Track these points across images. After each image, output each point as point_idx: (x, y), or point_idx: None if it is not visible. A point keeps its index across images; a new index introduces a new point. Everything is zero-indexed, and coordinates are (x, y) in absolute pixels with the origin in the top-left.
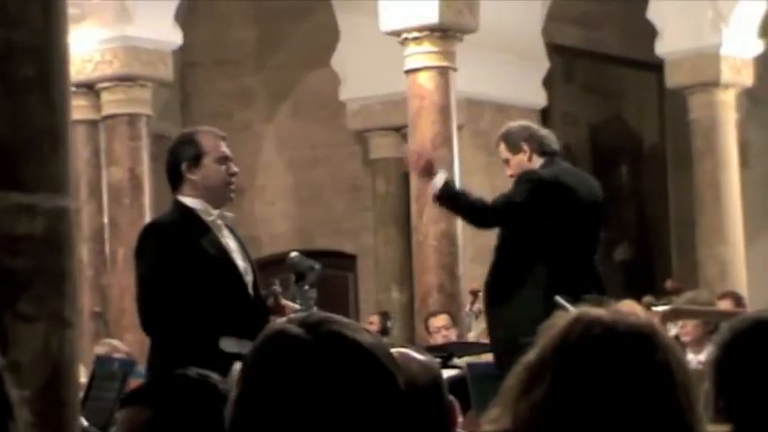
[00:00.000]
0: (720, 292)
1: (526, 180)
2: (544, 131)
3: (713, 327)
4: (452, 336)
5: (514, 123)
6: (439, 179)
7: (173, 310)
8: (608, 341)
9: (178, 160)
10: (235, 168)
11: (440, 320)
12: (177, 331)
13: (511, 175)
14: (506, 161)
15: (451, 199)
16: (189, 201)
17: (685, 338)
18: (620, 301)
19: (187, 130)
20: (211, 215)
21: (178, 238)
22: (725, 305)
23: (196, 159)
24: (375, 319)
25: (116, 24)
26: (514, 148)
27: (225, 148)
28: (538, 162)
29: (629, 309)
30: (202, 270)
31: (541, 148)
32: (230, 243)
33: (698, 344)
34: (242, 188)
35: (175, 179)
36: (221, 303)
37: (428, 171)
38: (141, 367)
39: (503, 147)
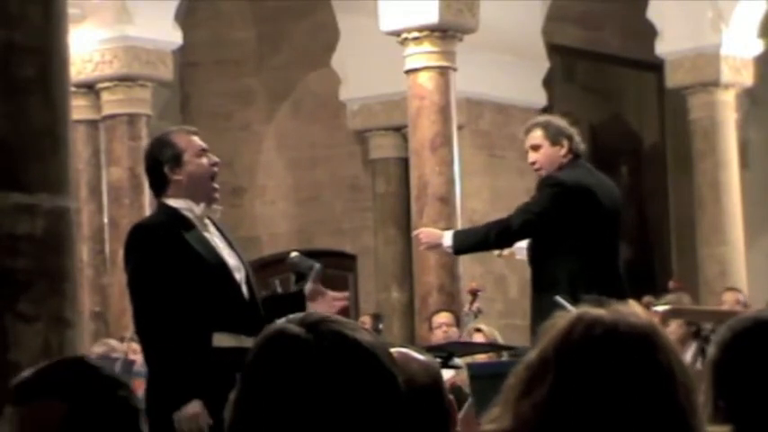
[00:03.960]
0: (726, 287)
1: (548, 185)
2: (577, 134)
3: (696, 328)
4: (453, 333)
5: (553, 117)
6: (446, 241)
7: (164, 308)
8: (609, 341)
9: (159, 163)
10: (215, 158)
11: (442, 317)
12: (169, 328)
13: (533, 163)
14: (536, 147)
15: (467, 247)
16: (173, 201)
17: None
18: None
19: (158, 135)
20: (197, 213)
21: (164, 236)
22: (729, 297)
23: (177, 159)
24: (366, 319)
25: (116, 24)
26: (554, 140)
27: (200, 141)
28: (567, 158)
29: (630, 309)
30: (191, 267)
31: (576, 148)
32: (217, 240)
33: (680, 344)
34: (242, 188)
35: (159, 184)
36: (212, 300)
37: (435, 244)
38: (140, 366)
39: (540, 133)
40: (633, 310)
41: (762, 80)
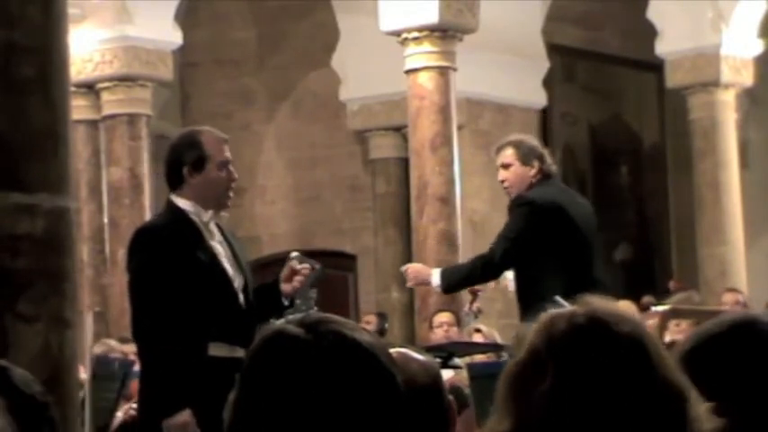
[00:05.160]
0: (726, 288)
1: (518, 206)
2: (549, 155)
3: None
4: (454, 333)
5: (526, 137)
6: (434, 280)
7: (162, 313)
8: (595, 326)
9: (180, 162)
10: (235, 174)
11: (443, 316)
12: (167, 334)
13: (502, 181)
14: (507, 166)
15: (455, 284)
16: (182, 203)
17: (678, 336)
18: (619, 301)
19: (190, 131)
20: (204, 219)
21: (169, 242)
22: (729, 298)
23: (199, 164)
24: (372, 318)
25: (116, 24)
26: (525, 160)
27: (227, 153)
28: (536, 179)
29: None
30: (192, 274)
31: (546, 169)
32: (219, 248)
33: None
34: (242, 188)
35: (175, 180)
36: (210, 309)
37: (423, 282)
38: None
39: (511, 152)
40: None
41: (762, 80)
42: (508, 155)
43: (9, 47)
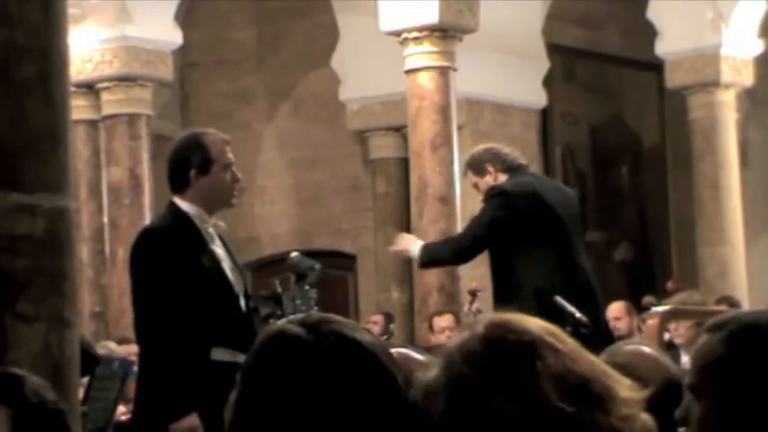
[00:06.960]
0: (718, 297)
1: (492, 196)
2: (507, 149)
3: None
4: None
5: (476, 148)
6: (414, 251)
7: (167, 318)
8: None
9: (186, 164)
10: (239, 175)
11: (444, 320)
12: (171, 339)
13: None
14: (476, 185)
15: (429, 263)
16: (186, 206)
17: (678, 340)
18: (619, 300)
19: (193, 133)
20: (206, 223)
21: (173, 247)
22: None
23: (205, 167)
24: (378, 318)
25: (116, 24)
26: (480, 172)
27: (230, 154)
28: (503, 179)
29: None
30: (195, 279)
31: (506, 165)
32: (221, 252)
33: (692, 345)
34: (242, 188)
35: (180, 182)
36: (213, 314)
37: (405, 251)
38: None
39: (470, 174)
40: (620, 310)
41: (762, 80)
42: (469, 177)
43: (9, 47)
